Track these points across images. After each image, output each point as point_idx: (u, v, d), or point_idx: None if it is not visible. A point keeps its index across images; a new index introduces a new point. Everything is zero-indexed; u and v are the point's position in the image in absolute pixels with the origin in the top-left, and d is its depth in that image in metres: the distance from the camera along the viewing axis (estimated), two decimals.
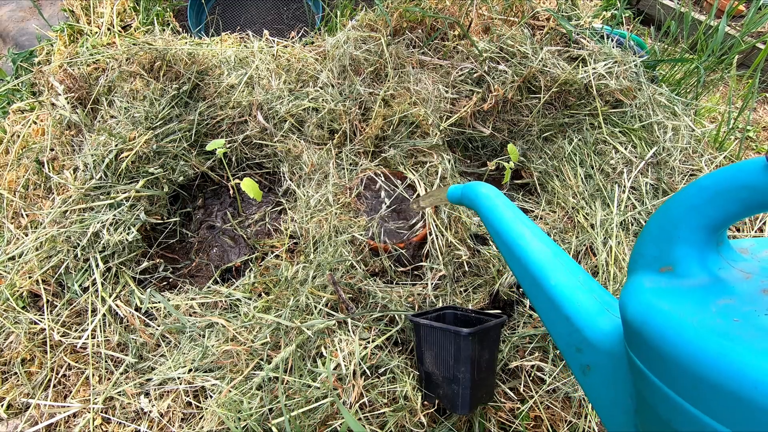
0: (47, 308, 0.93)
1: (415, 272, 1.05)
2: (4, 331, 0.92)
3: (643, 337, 0.28)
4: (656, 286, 0.29)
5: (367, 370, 0.83)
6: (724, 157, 1.23)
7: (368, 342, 0.86)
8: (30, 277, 0.95)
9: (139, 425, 0.83)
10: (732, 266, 0.28)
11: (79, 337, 0.90)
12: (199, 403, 0.84)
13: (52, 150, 1.13)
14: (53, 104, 1.19)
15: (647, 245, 0.31)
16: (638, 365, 0.28)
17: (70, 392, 0.87)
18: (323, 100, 1.19)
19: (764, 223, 1.13)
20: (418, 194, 1.10)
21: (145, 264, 1.01)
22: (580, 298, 0.37)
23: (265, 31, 1.36)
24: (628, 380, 0.31)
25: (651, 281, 0.29)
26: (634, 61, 1.29)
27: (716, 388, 0.22)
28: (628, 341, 0.30)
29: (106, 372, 0.89)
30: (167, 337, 0.91)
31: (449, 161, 1.16)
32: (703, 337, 0.24)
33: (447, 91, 1.23)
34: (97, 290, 0.94)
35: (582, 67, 1.25)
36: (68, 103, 1.17)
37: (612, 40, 1.38)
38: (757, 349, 0.21)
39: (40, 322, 0.92)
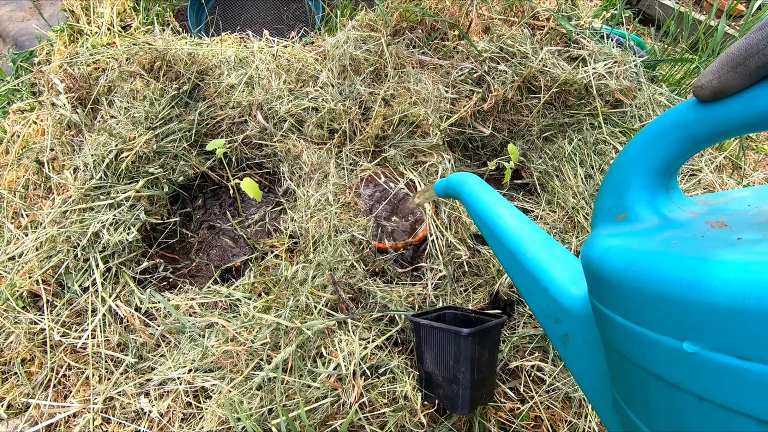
0: (47, 308, 0.93)
1: (415, 272, 1.05)
2: (4, 331, 0.92)
3: (598, 276, 0.29)
4: (612, 233, 0.31)
5: (367, 371, 0.83)
6: (724, 157, 1.23)
7: (368, 342, 0.86)
8: (30, 277, 0.95)
9: (139, 425, 0.83)
10: (682, 209, 0.30)
11: (79, 337, 0.90)
12: (199, 403, 0.84)
13: (52, 150, 1.13)
14: (53, 104, 1.19)
15: (604, 198, 0.32)
16: (598, 307, 0.30)
17: (70, 392, 0.87)
18: (323, 99, 1.19)
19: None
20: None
21: (145, 264, 1.01)
22: (555, 270, 0.39)
23: (265, 31, 1.36)
24: (598, 338, 0.33)
25: (608, 230, 0.31)
26: (634, 61, 1.29)
27: (652, 298, 0.24)
28: (589, 289, 0.31)
29: (106, 372, 0.89)
30: (167, 337, 0.91)
31: (449, 161, 1.16)
32: (642, 257, 0.25)
33: (447, 91, 1.23)
34: (97, 290, 0.94)
35: (582, 67, 1.25)
36: (68, 103, 1.17)
37: (612, 40, 1.38)
38: (686, 255, 0.23)
39: (40, 322, 0.92)
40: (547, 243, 0.42)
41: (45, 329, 0.91)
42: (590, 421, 0.87)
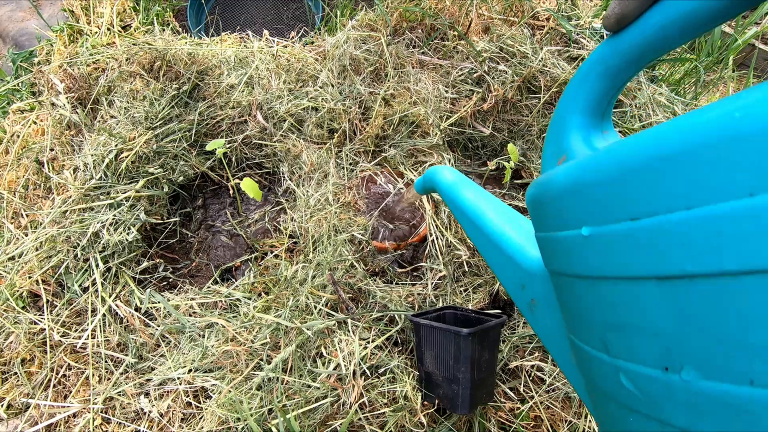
0: (47, 308, 0.93)
1: (415, 272, 1.05)
2: (3, 331, 0.92)
3: (533, 204, 0.31)
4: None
5: (367, 371, 0.83)
6: None
7: (368, 342, 0.86)
8: (30, 277, 0.95)
9: (139, 425, 0.83)
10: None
11: (79, 337, 0.90)
12: (199, 403, 0.84)
13: (51, 150, 1.13)
14: (53, 104, 1.19)
15: (547, 146, 0.34)
16: (539, 239, 0.31)
17: (70, 392, 0.87)
18: (323, 99, 1.19)
19: None
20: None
21: (145, 264, 1.01)
22: (519, 238, 0.41)
23: (265, 31, 1.36)
24: (553, 291, 0.34)
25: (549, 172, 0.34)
26: None
27: (559, 198, 0.26)
28: (535, 228, 0.33)
29: (106, 372, 0.89)
30: (167, 337, 0.91)
31: (449, 161, 1.16)
32: (562, 176, 0.27)
33: (447, 91, 1.23)
34: (97, 290, 0.94)
35: None
36: (68, 103, 1.17)
37: None
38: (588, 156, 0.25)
39: (40, 322, 0.92)
40: (510, 215, 0.45)
41: (45, 329, 0.91)
42: (590, 421, 0.87)
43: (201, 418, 0.82)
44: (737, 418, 0.18)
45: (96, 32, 1.35)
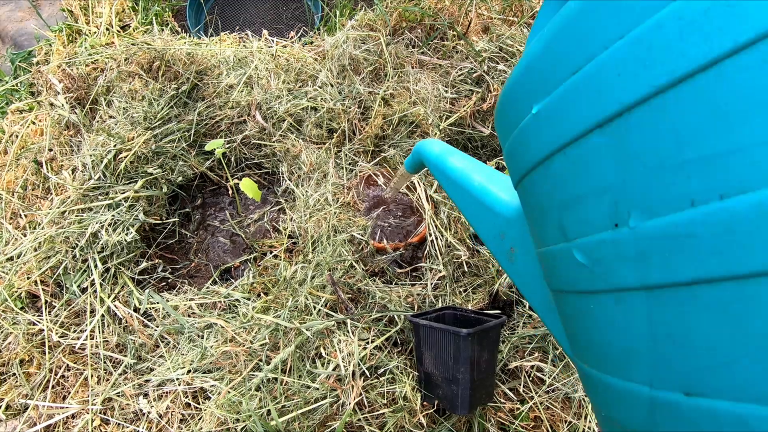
0: (46, 309, 0.93)
1: (414, 273, 1.05)
2: (2, 332, 0.91)
3: (498, 117, 0.32)
4: None
5: (367, 371, 0.82)
6: None
7: (367, 342, 0.86)
8: (28, 278, 0.94)
9: (137, 426, 0.82)
10: None
11: (78, 338, 0.90)
12: (198, 404, 0.83)
13: (50, 150, 1.13)
14: (52, 104, 1.19)
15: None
16: (506, 149, 0.32)
17: (69, 393, 0.87)
18: (322, 99, 1.19)
19: None
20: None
21: (143, 264, 1.01)
22: (497, 190, 0.44)
23: (264, 31, 1.35)
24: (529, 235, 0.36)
25: None
26: None
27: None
28: (500, 137, 0.34)
29: (105, 373, 0.88)
30: (166, 338, 0.90)
31: None
32: (510, 77, 0.29)
33: (446, 91, 1.23)
34: (95, 291, 0.94)
35: None
36: (67, 103, 1.16)
37: None
38: None
39: (39, 322, 0.92)
40: (491, 173, 0.48)
41: (43, 330, 0.91)
42: (590, 421, 0.87)
43: (200, 419, 0.81)
44: (682, 250, 0.19)
45: (95, 32, 1.35)
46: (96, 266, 0.94)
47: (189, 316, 0.92)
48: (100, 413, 0.84)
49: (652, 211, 0.20)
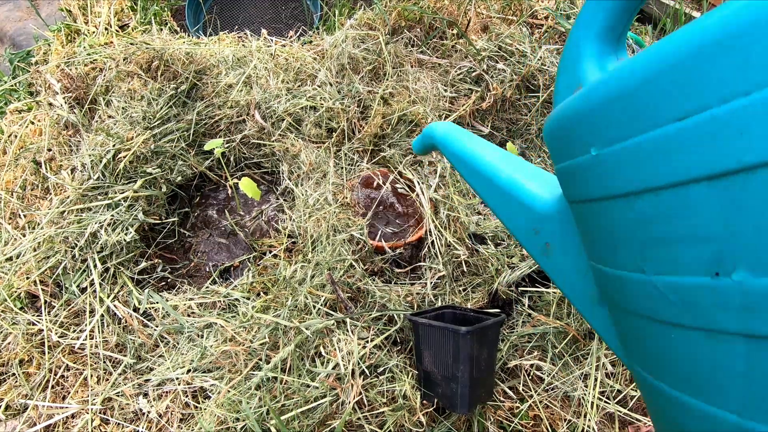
0: (45, 309, 0.93)
1: (414, 272, 1.05)
2: (2, 332, 0.91)
3: (554, 136, 0.31)
4: None
5: (366, 370, 0.82)
6: None
7: (367, 341, 0.86)
8: (28, 278, 0.94)
9: (137, 426, 0.83)
10: None
11: (77, 338, 0.90)
12: (198, 403, 0.84)
13: (49, 150, 1.13)
14: (50, 104, 1.19)
15: (560, 77, 0.34)
16: (561, 169, 0.31)
17: (69, 393, 0.87)
18: (321, 98, 1.19)
19: None
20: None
21: (143, 264, 1.01)
22: (529, 183, 0.41)
23: (264, 31, 1.35)
24: (574, 231, 0.34)
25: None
26: None
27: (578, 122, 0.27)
28: (554, 160, 0.32)
29: (105, 373, 0.88)
30: (165, 338, 0.90)
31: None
32: (582, 98, 0.27)
33: (446, 90, 1.23)
34: (95, 291, 0.93)
35: None
36: (65, 103, 1.16)
37: None
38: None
39: (38, 322, 0.92)
40: (520, 164, 0.45)
41: (43, 330, 0.91)
42: (589, 420, 0.87)
43: (200, 418, 0.82)
44: None
45: (94, 32, 1.35)
46: (95, 266, 0.94)
47: (188, 315, 0.92)
48: (99, 413, 0.84)
49: (761, 270, 0.19)
